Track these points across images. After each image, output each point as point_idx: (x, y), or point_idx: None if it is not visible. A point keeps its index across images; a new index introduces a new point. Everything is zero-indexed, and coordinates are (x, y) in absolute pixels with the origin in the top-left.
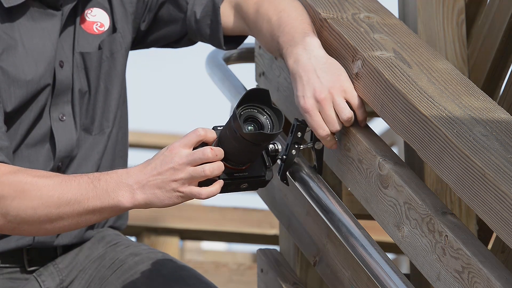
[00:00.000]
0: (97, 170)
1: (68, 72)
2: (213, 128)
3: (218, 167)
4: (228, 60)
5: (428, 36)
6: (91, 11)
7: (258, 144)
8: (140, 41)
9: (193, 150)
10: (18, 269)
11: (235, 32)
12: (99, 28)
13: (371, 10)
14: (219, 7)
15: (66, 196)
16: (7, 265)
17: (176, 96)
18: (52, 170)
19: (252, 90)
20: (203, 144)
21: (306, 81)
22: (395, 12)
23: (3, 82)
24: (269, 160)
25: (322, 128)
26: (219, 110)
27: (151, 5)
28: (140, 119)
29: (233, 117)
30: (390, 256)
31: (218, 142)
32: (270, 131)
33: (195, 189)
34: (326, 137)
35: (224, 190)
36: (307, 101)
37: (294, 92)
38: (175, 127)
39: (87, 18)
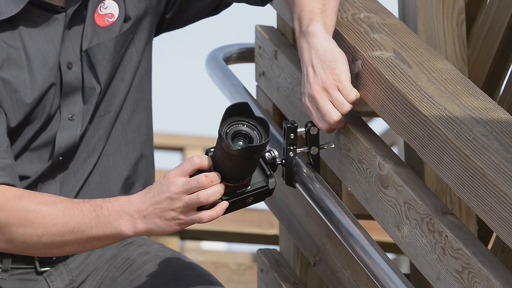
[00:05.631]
0: (100, 155)
1: (77, 72)
2: (206, 151)
3: (214, 193)
4: (228, 60)
5: (428, 36)
6: (104, 3)
7: (250, 157)
8: (173, 21)
9: (189, 177)
10: (29, 270)
11: None
12: (109, 20)
13: (371, 10)
14: None
15: (69, 225)
16: (19, 266)
17: (176, 96)
18: (52, 165)
19: (231, 106)
20: (199, 171)
21: (305, 78)
22: (395, 12)
23: (5, 94)
24: (268, 168)
25: (321, 122)
26: (219, 110)
27: None
28: None
29: (220, 138)
30: (390, 256)
31: (213, 165)
32: (259, 142)
33: (196, 216)
34: (329, 130)
35: (230, 209)
36: (305, 98)
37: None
38: (175, 127)
39: (100, 12)
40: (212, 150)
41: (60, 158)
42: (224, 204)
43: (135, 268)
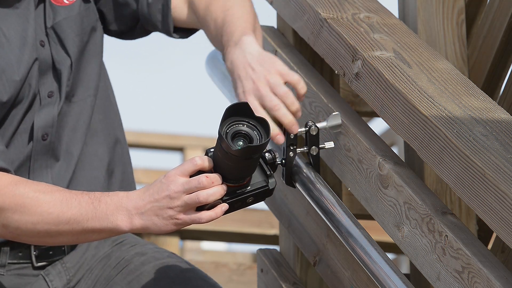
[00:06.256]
0: (85, 140)
1: (48, 49)
2: (206, 151)
3: (214, 193)
4: None
5: (428, 36)
6: None
7: (250, 157)
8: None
9: (190, 178)
10: (25, 265)
11: (187, 25)
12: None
13: (371, 10)
14: None
15: (65, 215)
16: (15, 261)
17: (176, 96)
18: (36, 141)
19: (231, 106)
20: (200, 172)
21: (243, 77)
22: (395, 12)
23: None
24: (268, 168)
25: (259, 112)
26: (219, 110)
27: None
28: (140, 119)
29: (220, 138)
30: (390, 256)
31: (213, 165)
32: (259, 142)
33: (195, 216)
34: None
35: (231, 209)
36: (247, 96)
37: (235, 92)
38: (175, 127)
39: None
40: (212, 150)
41: (45, 139)
42: (224, 206)
43: (133, 268)
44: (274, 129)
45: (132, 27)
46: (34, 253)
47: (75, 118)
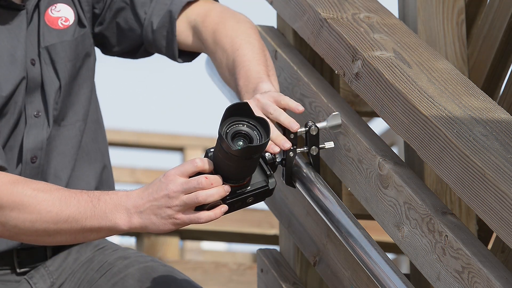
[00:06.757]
0: (74, 165)
1: (38, 68)
2: (206, 151)
3: (213, 194)
4: None
5: (428, 36)
6: (55, 6)
7: (250, 157)
8: (103, 47)
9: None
10: (8, 271)
11: (192, 49)
12: (64, 23)
13: (371, 10)
14: (176, 19)
15: (64, 213)
16: None
17: (176, 96)
18: (25, 163)
19: (231, 106)
20: (200, 173)
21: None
22: (395, 12)
23: None
24: (268, 168)
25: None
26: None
27: (109, 7)
28: (140, 119)
29: (220, 138)
30: (390, 256)
31: (213, 165)
32: (259, 142)
33: (194, 216)
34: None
35: (231, 209)
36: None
37: None
38: (175, 127)
39: (51, 14)
40: (212, 150)
41: (34, 162)
42: (223, 207)
43: (117, 271)
44: (278, 136)
45: (135, 49)
46: (17, 259)
47: (64, 142)
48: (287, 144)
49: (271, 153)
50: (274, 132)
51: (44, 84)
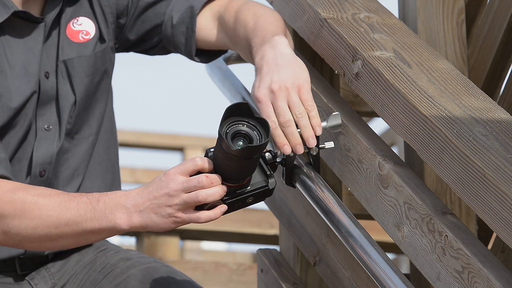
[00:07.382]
0: (83, 178)
1: (53, 82)
2: (206, 151)
3: (213, 193)
4: (228, 60)
5: (428, 36)
6: (77, 20)
7: (250, 157)
8: (122, 47)
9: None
10: (10, 274)
11: (213, 46)
12: (84, 37)
13: (371, 10)
14: (196, 15)
15: (64, 216)
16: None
17: (176, 96)
18: (33, 177)
19: (231, 106)
20: (200, 172)
21: (265, 72)
22: (395, 12)
23: None
24: (268, 168)
25: (271, 118)
26: (219, 110)
27: (133, 14)
28: (140, 119)
29: (220, 138)
30: (390, 256)
31: (213, 165)
32: (259, 142)
33: (194, 215)
34: (275, 129)
35: (231, 209)
36: (260, 91)
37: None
38: (175, 127)
39: (72, 28)
40: (212, 150)
41: (42, 175)
42: (223, 207)
43: (119, 272)
44: (282, 141)
45: (153, 46)
46: (19, 262)
47: (75, 155)
48: (301, 148)
49: (271, 153)
50: (295, 134)
51: (59, 97)
